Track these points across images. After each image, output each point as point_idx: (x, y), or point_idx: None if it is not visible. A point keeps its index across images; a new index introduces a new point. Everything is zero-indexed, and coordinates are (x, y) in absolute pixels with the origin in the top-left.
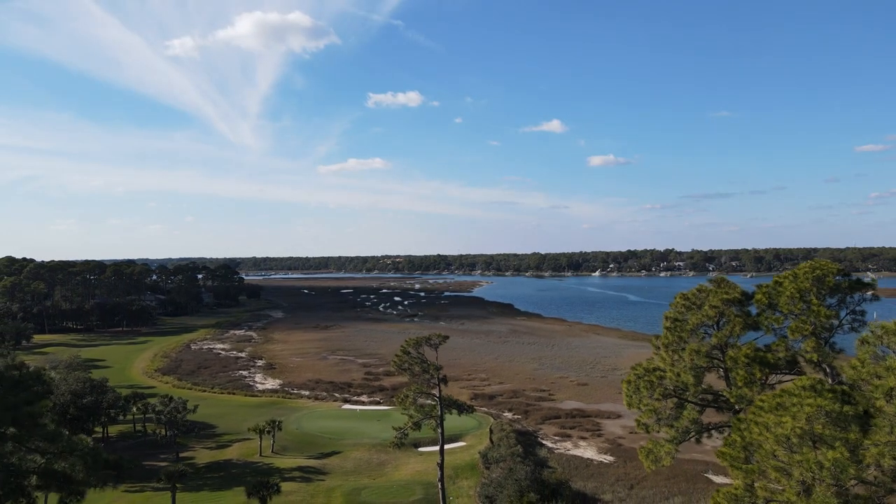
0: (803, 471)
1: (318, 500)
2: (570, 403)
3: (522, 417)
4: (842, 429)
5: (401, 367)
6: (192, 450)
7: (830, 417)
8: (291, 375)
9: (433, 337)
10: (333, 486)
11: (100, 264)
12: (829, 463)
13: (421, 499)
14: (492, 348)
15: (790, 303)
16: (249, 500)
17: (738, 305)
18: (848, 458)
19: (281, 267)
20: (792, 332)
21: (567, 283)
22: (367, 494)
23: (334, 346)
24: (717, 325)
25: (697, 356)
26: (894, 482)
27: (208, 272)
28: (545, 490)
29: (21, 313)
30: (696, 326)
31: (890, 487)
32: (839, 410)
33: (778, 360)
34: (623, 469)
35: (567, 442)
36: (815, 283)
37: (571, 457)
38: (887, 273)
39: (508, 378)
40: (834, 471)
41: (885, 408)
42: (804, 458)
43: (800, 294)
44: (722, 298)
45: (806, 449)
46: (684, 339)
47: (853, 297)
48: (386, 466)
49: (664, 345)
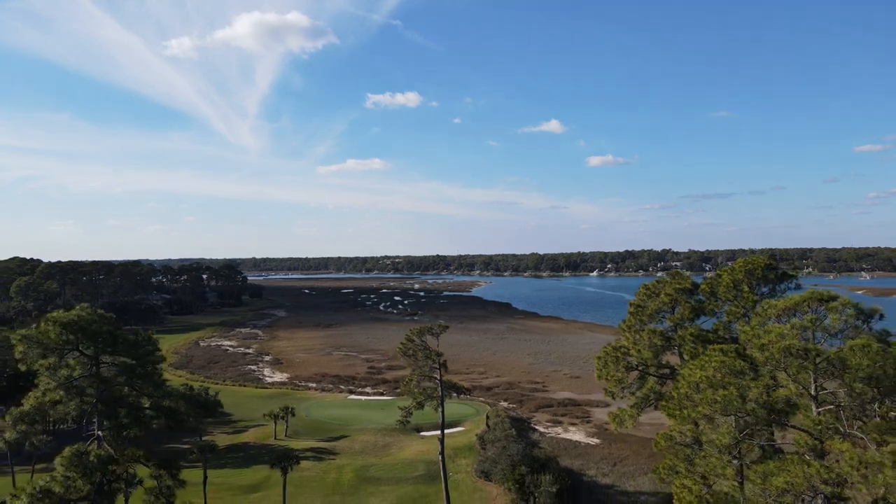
0: (704, 405)
1: (330, 475)
2: (562, 394)
3: (517, 406)
4: (735, 376)
5: (405, 353)
6: (212, 434)
7: (729, 369)
8: (298, 369)
9: (435, 327)
10: (343, 464)
11: (108, 264)
12: (721, 398)
13: (423, 474)
14: (489, 345)
15: (727, 291)
16: (272, 472)
17: (689, 294)
18: (735, 395)
19: (281, 267)
20: (728, 314)
21: (565, 283)
22: (375, 470)
23: (337, 343)
24: (671, 310)
25: (654, 335)
26: (769, 414)
27: (212, 272)
28: (535, 464)
29: (35, 312)
30: (654, 311)
31: (766, 417)
32: (733, 364)
33: (717, 338)
34: (608, 450)
35: (558, 427)
36: (746, 274)
37: (561, 439)
38: (881, 273)
39: (505, 372)
40: (724, 404)
41: (758, 357)
42: (704, 396)
43: (734, 284)
44: (675, 288)
45: (709, 391)
46: (644, 321)
47: (781, 285)
48: (391, 448)
49: (628, 327)
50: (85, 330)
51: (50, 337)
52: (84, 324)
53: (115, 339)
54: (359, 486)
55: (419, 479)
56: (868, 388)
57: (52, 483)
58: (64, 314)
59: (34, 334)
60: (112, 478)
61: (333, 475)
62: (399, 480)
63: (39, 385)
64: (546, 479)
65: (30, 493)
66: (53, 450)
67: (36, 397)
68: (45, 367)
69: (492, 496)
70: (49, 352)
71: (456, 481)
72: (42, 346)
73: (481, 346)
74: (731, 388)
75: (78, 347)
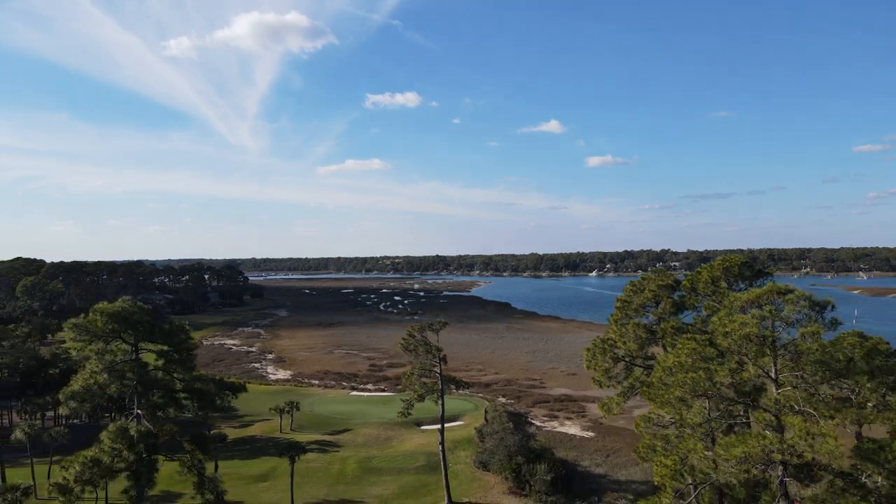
0: (676, 387)
1: (334, 466)
2: (558, 390)
3: (515, 402)
4: (705, 361)
5: (407, 348)
6: (220, 428)
7: (699, 355)
8: (301, 367)
9: (435, 323)
10: (347, 456)
11: (111, 265)
12: (690, 380)
13: (424, 465)
14: (488, 343)
15: (706, 287)
16: (279, 462)
17: (671, 290)
18: (704, 377)
19: (281, 268)
20: (706, 308)
21: (564, 283)
22: (377, 462)
23: (339, 342)
24: (655, 304)
25: (639, 328)
26: (738, 395)
27: (213, 273)
28: (531, 455)
29: (42, 311)
30: (639, 306)
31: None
32: (703, 350)
33: (696, 330)
34: (602, 443)
35: (554, 421)
36: (724, 272)
37: (557, 433)
38: (879, 273)
39: (503, 369)
40: (693, 385)
41: (723, 343)
42: (677, 379)
43: (712, 280)
44: (658, 284)
45: (680, 374)
46: (630, 315)
47: (757, 282)
48: (392, 441)
49: (615, 320)
50: (127, 320)
51: (97, 325)
52: (126, 314)
53: (153, 328)
54: (362, 477)
55: (420, 470)
56: (818, 370)
57: (100, 454)
58: (109, 305)
59: (83, 323)
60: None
61: (338, 466)
62: (401, 471)
63: (87, 367)
64: (541, 468)
65: (81, 463)
66: (70, 442)
67: (84, 378)
68: (94, 352)
69: (489, 485)
70: (96, 338)
71: (455, 471)
72: (90, 334)
73: (480, 345)
74: (700, 372)
75: (120, 335)
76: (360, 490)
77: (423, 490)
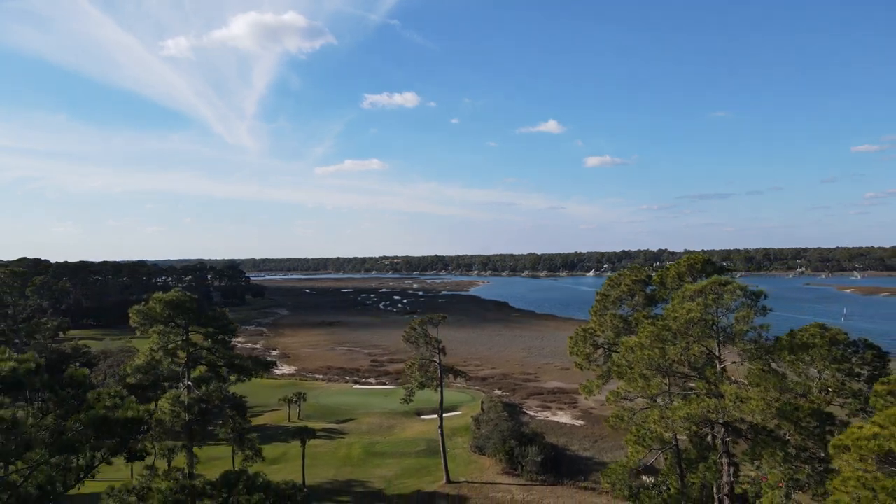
0: (636, 363)
1: (341, 451)
2: (552, 383)
3: (510, 394)
4: (661, 342)
5: (409, 340)
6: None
7: (656, 336)
8: (305, 363)
9: (435, 317)
10: (353, 442)
11: (116, 265)
12: (646, 357)
13: (424, 449)
14: (486, 340)
15: (673, 281)
16: (289, 447)
17: (644, 284)
18: (658, 354)
19: (280, 268)
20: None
21: (562, 282)
22: (380, 447)
23: (340, 340)
24: (630, 297)
25: (615, 318)
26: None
27: (215, 273)
28: (523, 439)
29: (51, 310)
30: (616, 299)
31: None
32: (660, 333)
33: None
34: (591, 430)
35: (547, 412)
36: (689, 268)
37: (549, 421)
38: (873, 272)
39: (500, 364)
40: (648, 361)
41: (673, 326)
42: (635, 355)
43: (679, 276)
44: (632, 279)
45: (639, 352)
46: (608, 307)
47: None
48: (394, 428)
49: (595, 311)
50: (180, 307)
51: (156, 311)
52: (179, 302)
53: (201, 314)
54: (366, 460)
55: (420, 454)
56: (748, 346)
57: (161, 415)
58: (165, 295)
59: (145, 309)
60: (203, 412)
61: (344, 451)
62: (402, 455)
63: (147, 346)
64: (532, 450)
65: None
66: None
67: (146, 354)
68: (156, 333)
69: (485, 466)
70: (155, 323)
71: (453, 455)
72: (150, 318)
73: (478, 342)
74: (656, 350)
75: (174, 320)
76: (365, 471)
77: (423, 471)
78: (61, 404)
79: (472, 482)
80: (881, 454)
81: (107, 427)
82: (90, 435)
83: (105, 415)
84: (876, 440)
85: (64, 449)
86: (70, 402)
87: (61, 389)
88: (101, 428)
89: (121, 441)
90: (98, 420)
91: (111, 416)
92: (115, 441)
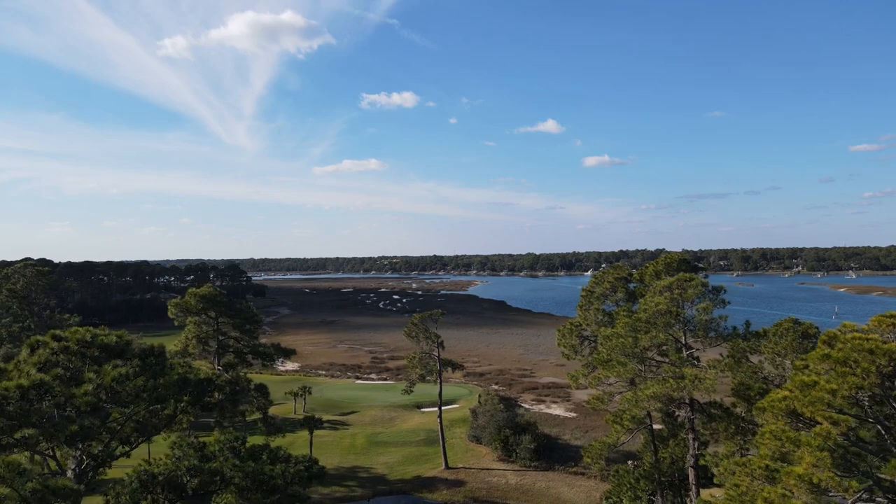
0: (612, 350)
1: (345, 441)
2: (547, 379)
3: (506, 389)
4: (633, 330)
5: (410, 335)
6: None
7: (630, 326)
8: (307, 360)
9: (434, 313)
10: (356, 433)
11: (120, 265)
12: (620, 344)
13: (424, 439)
14: (483, 338)
15: (651, 279)
16: (296, 437)
17: (625, 281)
18: (631, 342)
19: (279, 268)
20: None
21: (560, 282)
22: (383, 437)
23: (342, 337)
24: (613, 293)
25: (599, 313)
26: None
27: (217, 272)
28: (517, 428)
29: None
30: (600, 294)
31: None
32: (634, 323)
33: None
34: (582, 421)
35: (541, 405)
36: (665, 267)
37: (543, 413)
38: (868, 271)
39: (497, 361)
40: (622, 347)
41: (642, 317)
42: (612, 343)
43: (656, 274)
44: (615, 277)
45: (615, 340)
46: (592, 302)
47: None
48: (396, 420)
49: (580, 306)
50: (211, 300)
51: (191, 304)
52: (211, 297)
53: (230, 307)
54: (370, 448)
55: (421, 443)
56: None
57: None
58: (199, 290)
59: (181, 303)
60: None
61: (348, 440)
62: (404, 444)
63: (183, 334)
64: (526, 438)
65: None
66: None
67: (180, 341)
68: (192, 323)
69: (481, 454)
70: (190, 314)
71: (452, 444)
72: (185, 311)
73: (476, 340)
74: (629, 338)
75: (206, 312)
76: (368, 459)
77: (423, 459)
78: (147, 369)
79: (469, 468)
80: (788, 412)
81: (186, 385)
82: (174, 391)
83: (185, 375)
84: (784, 401)
85: (157, 400)
86: (155, 367)
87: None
88: (182, 386)
89: (196, 395)
90: (180, 380)
91: (189, 377)
92: (192, 395)
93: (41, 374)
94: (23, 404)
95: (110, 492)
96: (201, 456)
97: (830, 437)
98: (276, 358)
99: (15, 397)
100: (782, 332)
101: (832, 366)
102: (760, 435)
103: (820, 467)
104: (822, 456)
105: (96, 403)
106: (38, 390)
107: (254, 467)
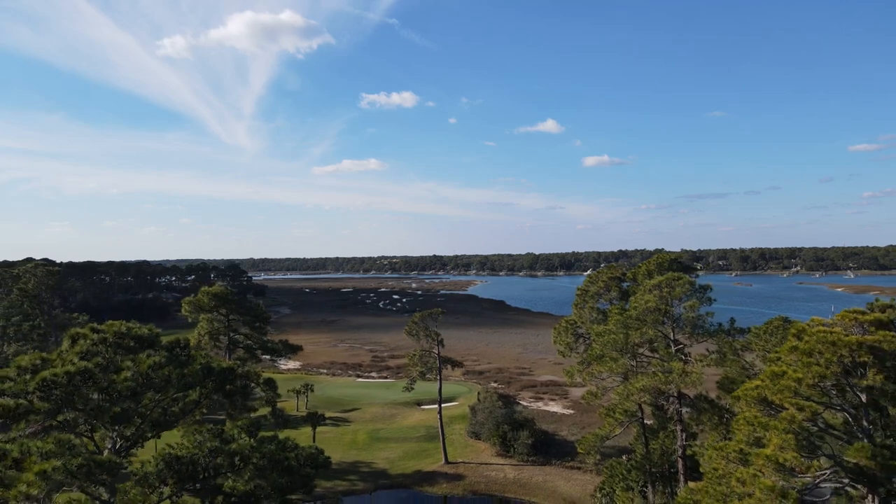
0: (604, 346)
1: (347, 436)
2: (545, 377)
3: (505, 386)
4: (624, 327)
5: (410, 333)
6: None
7: (622, 324)
8: (309, 358)
9: (434, 312)
10: (358, 429)
11: (122, 265)
12: (611, 340)
13: (424, 435)
14: (483, 337)
15: (643, 278)
16: (299, 433)
17: (619, 280)
18: (622, 339)
19: (279, 268)
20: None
21: (559, 282)
22: (384, 433)
23: (342, 336)
24: (607, 292)
25: (593, 311)
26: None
27: (218, 272)
28: (515, 424)
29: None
30: (594, 293)
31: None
32: (625, 321)
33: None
34: (579, 418)
35: (539, 402)
36: (658, 266)
37: (540, 410)
38: (867, 271)
39: (496, 359)
40: (614, 343)
41: (633, 314)
42: (603, 339)
43: (648, 273)
44: (609, 276)
45: (607, 336)
46: (587, 301)
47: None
48: (396, 417)
49: (576, 305)
50: (223, 298)
51: (203, 302)
52: (222, 294)
53: (241, 305)
54: (371, 444)
55: (421, 439)
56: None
57: None
58: (211, 288)
59: (194, 300)
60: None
61: (350, 436)
62: (404, 439)
63: (196, 330)
64: (524, 434)
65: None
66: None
67: (194, 337)
68: (204, 320)
69: (480, 449)
70: (203, 311)
71: (451, 440)
72: (198, 308)
73: (475, 339)
74: (620, 335)
75: (218, 309)
76: (370, 454)
77: (423, 454)
78: (174, 359)
79: (468, 462)
80: (759, 399)
81: (210, 373)
82: (199, 378)
83: (208, 364)
84: (756, 390)
85: (185, 386)
86: (181, 357)
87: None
88: (207, 374)
89: (219, 382)
90: (204, 368)
91: (213, 366)
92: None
93: (84, 362)
94: (69, 389)
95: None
96: (221, 439)
97: (795, 422)
98: (284, 353)
99: (63, 382)
100: (772, 329)
101: (799, 357)
102: (735, 421)
103: (785, 449)
104: (787, 438)
105: (135, 388)
106: (83, 376)
107: (271, 448)
